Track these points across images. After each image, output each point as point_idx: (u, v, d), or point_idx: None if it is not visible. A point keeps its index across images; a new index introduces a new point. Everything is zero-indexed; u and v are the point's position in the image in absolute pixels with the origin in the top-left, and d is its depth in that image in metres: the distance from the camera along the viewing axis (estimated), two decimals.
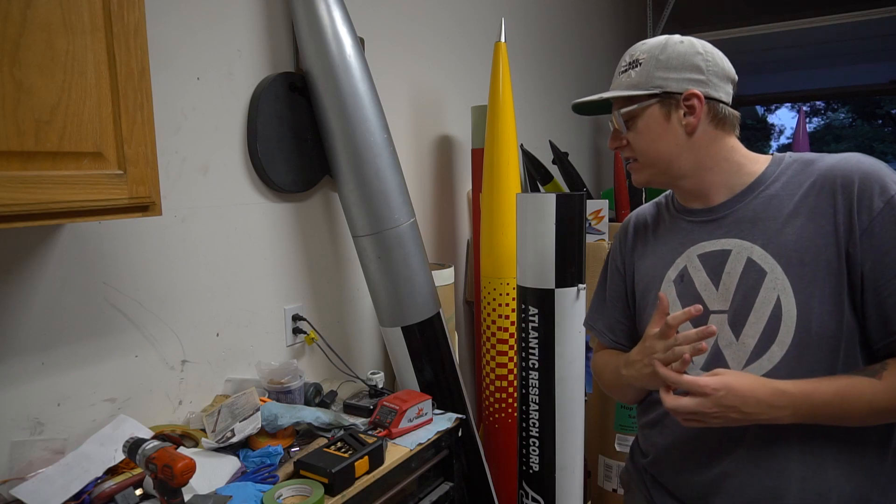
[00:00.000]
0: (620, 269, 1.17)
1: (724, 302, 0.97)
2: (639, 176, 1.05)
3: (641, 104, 0.99)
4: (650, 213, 1.16)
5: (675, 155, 1.00)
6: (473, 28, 2.59)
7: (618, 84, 1.04)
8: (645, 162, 1.03)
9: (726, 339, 0.96)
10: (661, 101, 0.98)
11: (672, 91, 0.97)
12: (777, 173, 0.97)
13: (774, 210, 0.95)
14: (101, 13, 0.96)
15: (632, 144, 1.03)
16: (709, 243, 1.00)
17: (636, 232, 1.16)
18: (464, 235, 2.56)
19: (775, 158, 1.00)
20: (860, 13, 4.15)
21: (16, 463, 1.16)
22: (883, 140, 14.85)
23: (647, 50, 1.00)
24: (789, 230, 0.92)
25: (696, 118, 0.97)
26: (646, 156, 1.02)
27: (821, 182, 0.92)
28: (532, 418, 1.74)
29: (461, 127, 2.50)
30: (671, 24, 4.35)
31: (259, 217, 1.65)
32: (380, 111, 1.66)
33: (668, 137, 0.99)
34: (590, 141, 4.09)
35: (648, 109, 0.99)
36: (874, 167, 0.89)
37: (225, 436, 1.34)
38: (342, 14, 1.60)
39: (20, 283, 1.18)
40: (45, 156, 0.92)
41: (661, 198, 1.17)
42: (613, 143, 1.05)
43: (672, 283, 1.04)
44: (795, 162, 0.97)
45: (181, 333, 1.47)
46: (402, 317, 1.73)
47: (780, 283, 0.91)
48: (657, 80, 0.98)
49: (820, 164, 0.93)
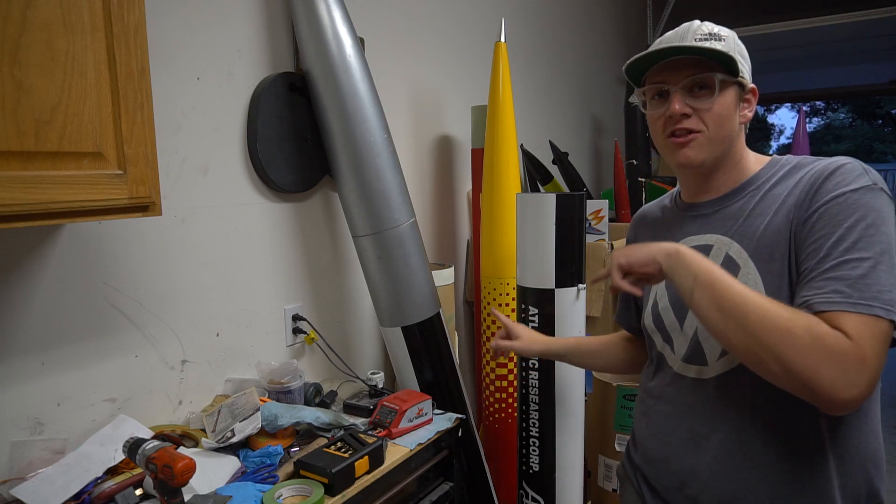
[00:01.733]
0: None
1: None
2: (698, 152, 0.97)
3: (732, 78, 0.96)
4: (655, 211, 1.19)
5: (734, 140, 0.99)
6: (473, 28, 2.59)
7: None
8: (715, 137, 0.97)
9: (704, 332, 0.98)
10: (738, 84, 0.97)
11: (745, 80, 0.97)
12: (770, 174, 0.98)
13: (759, 208, 0.96)
14: (101, 13, 0.96)
15: (706, 117, 0.96)
16: (696, 238, 1.03)
17: (640, 228, 1.20)
18: (464, 235, 2.56)
19: (773, 160, 1.01)
20: (860, 13, 4.15)
21: (16, 463, 1.16)
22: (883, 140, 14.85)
23: (723, 31, 0.98)
24: (763, 227, 0.94)
25: (751, 112, 1.00)
26: (719, 130, 0.96)
27: (805, 181, 0.93)
28: (532, 418, 1.74)
29: (461, 127, 2.50)
30: (671, 24, 4.34)
31: (259, 217, 1.65)
32: (380, 111, 1.66)
33: (735, 120, 0.98)
34: (590, 141, 4.10)
35: (733, 87, 0.97)
36: (847, 167, 0.88)
37: (225, 436, 1.34)
38: (342, 14, 1.60)
39: (20, 283, 1.18)
40: (45, 156, 0.92)
41: (665, 197, 1.18)
42: (682, 108, 0.95)
43: None
44: (790, 164, 0.98)
45: (181, 333, 1.47)
46: (402, 317, 1.73)
47: (752, 277, 0.93)
48: (740, 64, 0.96)
49: (809, 167, 0.94)
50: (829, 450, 0.91)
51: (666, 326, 1.05)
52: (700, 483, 0.98)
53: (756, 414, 0.94)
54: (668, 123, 0.98)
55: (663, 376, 1.07)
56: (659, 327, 1.06)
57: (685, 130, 0.97)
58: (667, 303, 1.05)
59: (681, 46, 0.95)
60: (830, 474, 0.91)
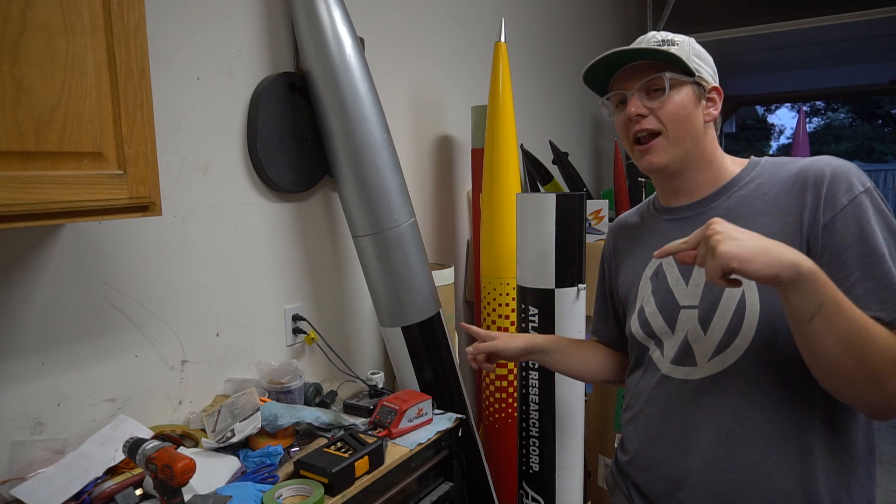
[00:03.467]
0: (606, 276, 1.23)
1: (694, 298, 0.99)
2: (660, 156, 1.00)
3: (686, 77, 0.99)
4: (633, 218, 1.19)
5: (698, 138, 1.01)
6: (473, 28, 2.59)
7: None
8: (675, 137, 0.99)
9: (695, 334, 0.98)
10: (695, 84, 1.00)
11: (703, 80, 1.00)
12: (752, 175, 1.00)
13: (746, 209, 0.97)
14: (101, 13, 0.96)
15: (662, 116, 0.98)
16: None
17: (619, 237, 1.20)
18: (464, 235, 2.56)
19: (752, 162, 1.03)
20: (860, 13, 4.15)
21: (16, 463, 1.16)
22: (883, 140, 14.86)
23: (677, 37, 1.01)
24: (757, 228, 0.93)
25: (716, 110, 1.02)
26: (679, 129, 0.98)
27: (792, 182, 0.94)
28: (532, 418, 1.74)
29: (461, 127, 2.50)
30: (671, 24, 4.35)
31: (259, 217, 1.65)
32: (380, 111, 1.66)
33: (696, 119, 1.00)
34: (590, 141, 4.10)
35: (687, 86, 0.99)
36: (843, 167, 0.91)
37: (225, 436, 1.34)
38: (342, 14, 1.60)
39: (20, 283, 1.18)
40: (45, 156, 0.92)
41: (641, 205, 1.19)
42: (637, 108, 0.99)
43: (649, 280, 1.07)
44: (770, 165, 1.00)
45: (181, 333, 1.47)
46: (402, 317, 1.73)
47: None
48: (694, 64, 0.99)
49: (792, 167, 0.96)
50: (820, 451, 0.91)
51: (655, 331, 1.04)
52: (689, 487, 0.98)
53: (745, 415, 0.94)
54: (629, 126, 1.02)
55: (649, 379, 1.06)
56: (648, 333, 1.06)
57: (647, 132, 1.00)
58: (654, 308, 1.04)
59: (629, 49, 0.99)
60: (820, 476, 0.91)
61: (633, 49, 0.99)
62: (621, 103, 1.04)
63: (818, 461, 0.91)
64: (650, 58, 0.99)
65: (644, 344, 1.08)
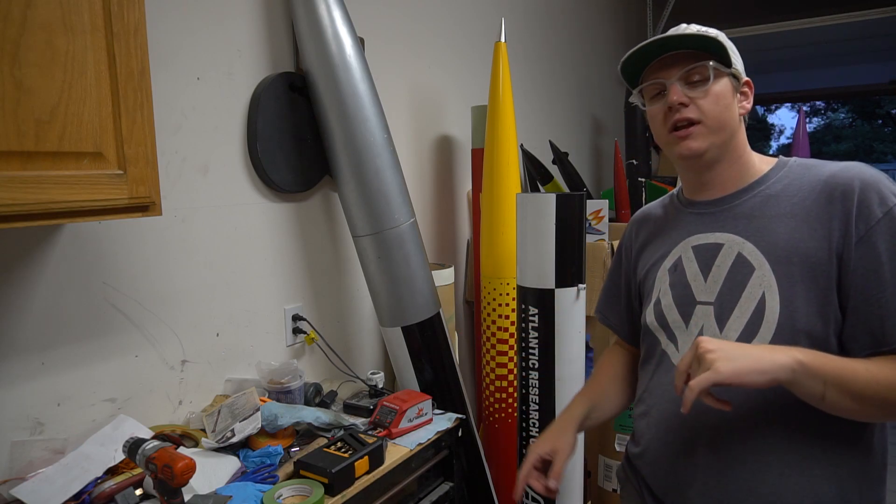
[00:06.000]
0: (625, 265, 1.21)
1: (711, 294, 0.99)
2: (700, 142, 0.98)
3: (725, 69, 0.98)
4: (656, 210, 1.18)
5: (734, 131, 1.00)
6: (473, 28, 2.59)
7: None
8: (713, 126, 0.98)
9: (710, 332, 0.98)
10: (732, 76, 1.00)
11: (738, 72, 1.00)
12: (780, 175, 0.99)
13: (771, 209, 0.96)
14: (101, 13, 0.96)
15: (703, 105, 0.97)
16: (703, 236, 1.02)
17: (642, 227, 1.19)
18: (464, 235, 2.56)
19: (780, 161, 1.02)
20: (860, 13, 4.14)
21: (16, 463, 1.16)
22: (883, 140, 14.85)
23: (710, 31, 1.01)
24: (782, 230, 0.94)
25: (749, 104, 1.01)
26: (717, 120, 0.98)
27: (821, 188, 0.93)
28: (532, 418, 1.73)
29: (461, 127, 2.50)
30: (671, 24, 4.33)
31: (259, 217, 1.65)
32: (380, 111, 1.66)
33: (734, 110, 1.00)
34: (590, 141, 4.10)
35: (725, 77, 0.99)
36: (875, 177, 0.90)
37: (225, 436, 1.34)
38: (342, 14, 1.60)
39: (20, 283, 1.18)
40: (45, 156, 0.92)
41: (665, 197, 1.18)
42: (679, 97, 0.97)
43: (667, 272, 1.06)
44: (798, 166, 0.99)
45: (181, 333, 1.47)
46: (402, 317, 1.73)
47: (766, 279, 0.93)
48: (731, 57, 0.99)
49: (822, 171, 0.95)
50: (832, 453, 0.91)
51: (670, 324, 1.04)
52: (699, 484, 0.98)
53: (758, 415, 0.93)
54: (669, 116, 0.99)
55: (664, 374, 1.06)
56: (663, 325, 1.06)
57: (686, 121, 0.98)
58: (670, 300, 1.04)
59: (674, 35, 0.98)
60: (831, 478, 0.91)
61: (680, 35, 0.97)
62: (658, 94, 1.02)
63: (829, 463, 0.91)
64: (695, 46, 0.97)
65: (656, 335, 1.08)
